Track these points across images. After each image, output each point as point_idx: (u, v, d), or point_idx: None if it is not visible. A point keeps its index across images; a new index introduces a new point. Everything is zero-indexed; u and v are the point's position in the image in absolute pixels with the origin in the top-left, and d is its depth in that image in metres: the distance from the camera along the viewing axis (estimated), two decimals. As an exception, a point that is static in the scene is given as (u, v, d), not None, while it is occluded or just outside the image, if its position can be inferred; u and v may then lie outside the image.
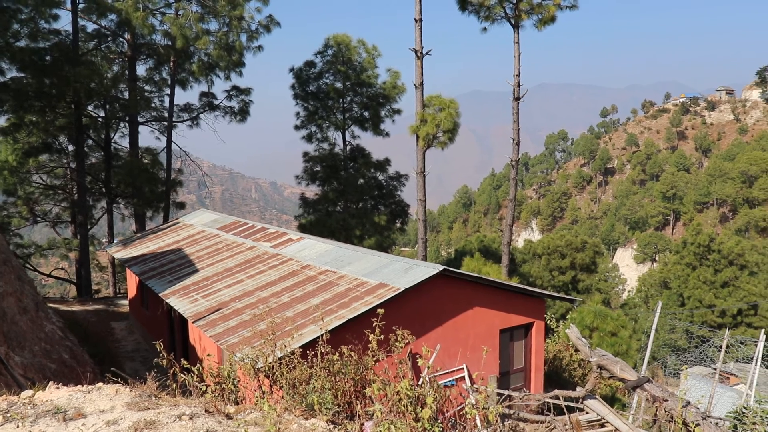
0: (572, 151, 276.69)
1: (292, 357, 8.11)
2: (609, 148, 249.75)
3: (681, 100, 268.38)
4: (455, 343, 15.17)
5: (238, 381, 7.80)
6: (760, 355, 18.75)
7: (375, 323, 8.25)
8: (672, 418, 7.93)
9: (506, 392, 10.49)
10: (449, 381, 14.90)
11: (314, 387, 7.27)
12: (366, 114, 38.93)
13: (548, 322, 29.19)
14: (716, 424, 8.39)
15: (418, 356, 8.78)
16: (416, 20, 29.85)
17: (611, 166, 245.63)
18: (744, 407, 16.26)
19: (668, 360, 40.32)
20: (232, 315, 15.01)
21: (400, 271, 15.18)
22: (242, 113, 40.96)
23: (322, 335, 8.70)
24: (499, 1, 31.55)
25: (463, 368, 15.31)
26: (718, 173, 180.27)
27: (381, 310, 8.99)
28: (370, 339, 7.97)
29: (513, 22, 31.75)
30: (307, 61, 38.53)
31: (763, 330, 19.49)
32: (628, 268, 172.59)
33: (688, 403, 8.08)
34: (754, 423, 15.11)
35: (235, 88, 40.81)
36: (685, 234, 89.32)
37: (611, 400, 24.20)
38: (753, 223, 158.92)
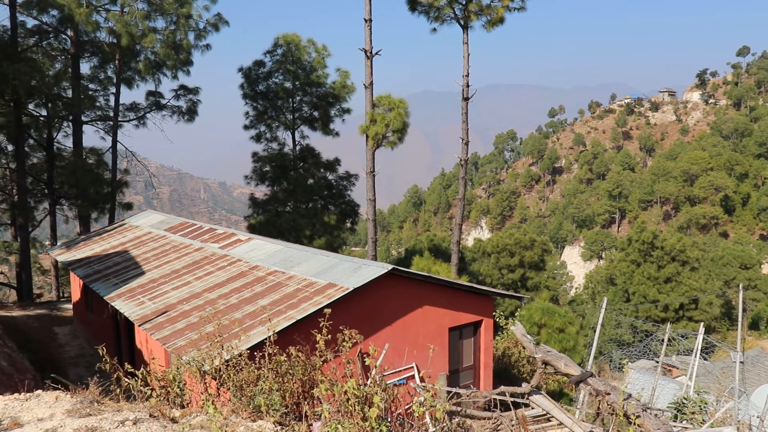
0: (521, 151, 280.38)
1: (239, 359, 8.04)
2: (557, 148, 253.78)
3: (626, 101, 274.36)
4: (405, 342, 15.23)
5: (184, 384, 7.70)
6: (700, 348, 19.29)
7: (322, 323, 8.23)
8: (614, 410, 8.15)
9: (454, 390, 10.58)
10: (399, 380, 14.95)
11: (262, 388, 7.22)
12: (316, 114, 38.82)
13: (497, 319, 29.50)
14: (655, 415, 8.61)
15: (367, 356, 8.80)
16: (366, 20, 29.86)
17: (559, 165, 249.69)
18: (684, 398, 16.71)
19: (614, 354, 41.21)
20: (180, 317, 14.81)
21: (349, 271, 15.18)
22: (190, 113, 40.39)
23: (270, 336, 8.64)
24: (449, 1, 31.74)
25: (412, 367, 15.38)
26: (661, 172, 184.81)
27: (328, 310, 8.97)
28: (318, 339, 7.96)
29: (462, 22, 31.98)
30: (257, 61, 38.22)
31: (702, 323, 20.07)
32: (576, 265, 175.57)
33: (629, 395, 8.29)
34: (693, 413, 15.56)
35: (182, 87, 40.22)
36: (630, 231, 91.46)
37: (559, 395, 24.62)
38: (694, 221, 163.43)
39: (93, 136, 39.42)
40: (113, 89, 38.77)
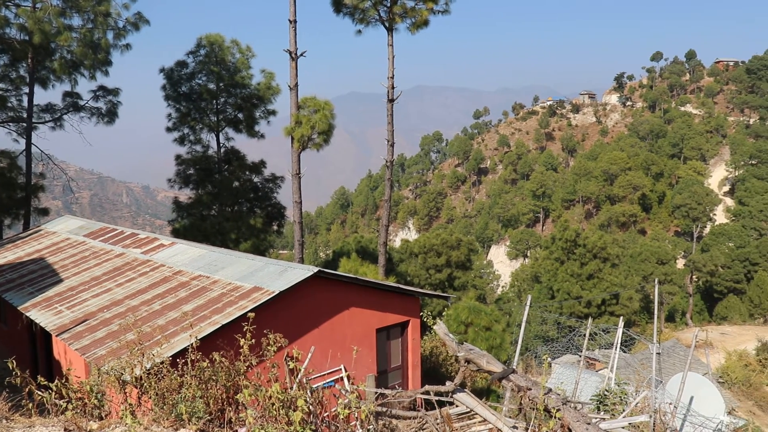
0: (447, 152, 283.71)
1: (161, 366, 7.85)
2: (482, 149, 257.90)
3: (548, 103, 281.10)
4: (333, 344, 15.18)
5: (102, 395, 7.46)
6: (620, 341, 19.91)
7: (246, 327, 8.12)
8: (535, 405, 8.36)
9: (379, 390, 10.61)
10: (327, 382, 14.90)
11: (185, 396, 7.07)
12: (240, 115, 38.33)
13: (425, 319, 29.77)
14: (575, 407, 8.86)
15: (292, 359, 8.72)
16: (291, 21, 29.66)
17: (484, 166, 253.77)
18: (606, 390, 17.21)
19: (540, 350, 42.13)
20: (100, 326, 14.37)
21: (275, 274, 15.05)
22: (110, 115, 39.16)
23: (193, 343, 8.47)
24: (374, 4, 31.80)
25: (341, 369, 15.35)
26: (582, 172, 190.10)
27: (251, 314, 8.86)
28: (241, 344, 7.85)
29: (387, 25, 32.11)
30: (179, 61, 37.43)
31: (622, 317, 20.70)
32: (502, 264, 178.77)
33: (550, 390, 8.51)
34: (614, 404, 16.06)
35: (102, 88, 38.93)
36: (553, 230, 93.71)
37: (487, 392, 25.00)
38: (614, 219, 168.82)
39: (5, 139, 37.69)
40: (26, 89, 37.18)
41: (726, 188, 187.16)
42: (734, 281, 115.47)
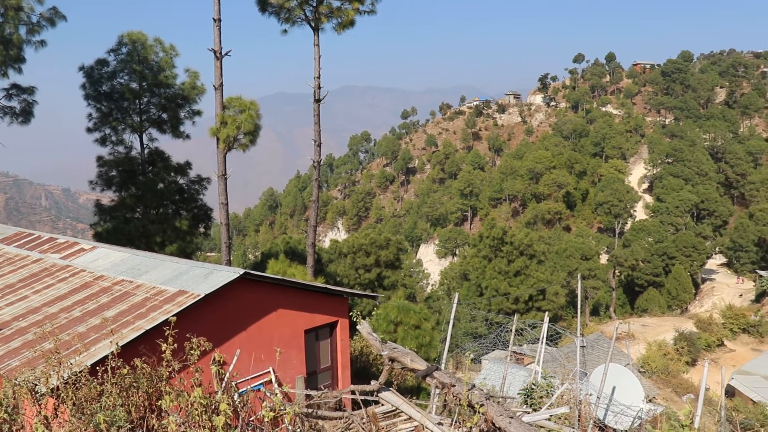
0: (375, 152, 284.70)
1: (79, 375, 7.58)
2: (410, 149, 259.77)
3: (475, 103, 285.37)
4: (261, 347, 15.00)
5: (13, 409, 7.15)
6: (545, 336, 20.35)
7: (167, 332, 7.93)
8: (459, 401, 8.47)
9: (305, 392, 10.56)
10: (256, 385, 14.71)
11: (104, 405, 6.85)
12: (164, 116, 37.45)
13: (354, 319, 29.79)
14: (498, 402, 9.02)
15: (218, 363, 8.58)
16: (215, 20, 29.21)
17: (412, 165, 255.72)
18: (533, 384, 17.58)
19: (467, 347, 42.70)
20: (15, 335, 13.80)
21: (200, 277, 14.77)
22: (25, 114, 37.61)
23: (114, 349, 8.22)
24: (299, 3, 31.59)
25: (269, 371, 15.19)
26: (509, 171, 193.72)
27: (173, 319, 8.67)
28: (164, 349, 7.66)
29: (313, 24, 31.95)
30: (99, 60, 36.28)
31: (547, 313, 21.18)
32: (431, 262, 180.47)
33: (473, 386, 8.63)
34: (541, 397, 16.42)
35: (15, 86, 37.30)
36: (481, 228, 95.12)
37: (418, 390, 25.17)
38: (540, 216, 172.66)
39: None
40: (-69, 87, 35.42)
41: (645, 185, 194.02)
42: (654, 275, 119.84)
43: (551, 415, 10.82)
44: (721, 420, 15.16)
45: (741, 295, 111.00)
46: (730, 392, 58.95)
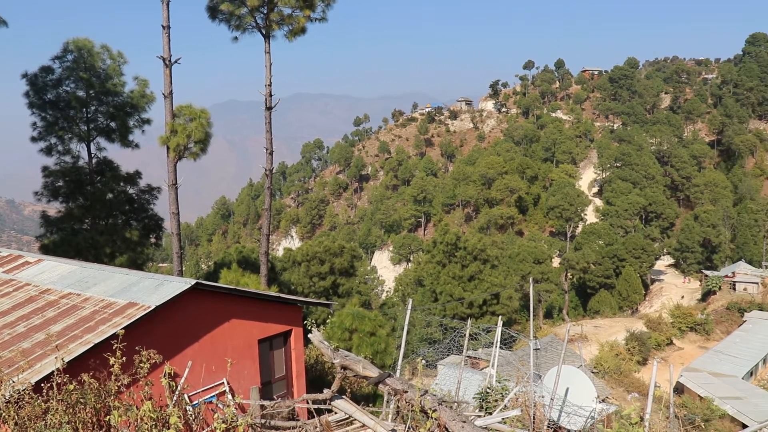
0: (328, 159, 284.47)
1: (23, 393, 7.36)
2: (363, 156, 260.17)
3: (427, 109, 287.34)
4: (214, 358, 14.81)
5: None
6: (499, 339, 20.53)
7: (116, 345, 7.77)
8: (412, 407, 8.51)
9: (257, 402, 10.47)
10: (210, 397, 14.52)
11: (50, 423, 6.67)
12: (113, 124, 36.71)
13: (309, 327, 29.64)
14: (451, 407, 9.08)
15: (169, 376, 8.44)
16: (164, 27, 28.80)
17: (365, 172, 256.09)
18: (488, 387, 17.71)
19: (421, 353, 42.83)
20: (-44, 352, 13.36)
21: (151, 288, 14.52)
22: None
23: (60, 365, 8.01)
24: (250, 10, 31.34)
25: (223, 383, 15.00)
26: (461, 177, 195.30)
27: (121, 332, 8.50)
28: (112, 363, 7.50)
29: (264, 32, 31.74)
30: (44, 67, 35.36)
31: (501, 317, 21.37)
32: (386, 269, 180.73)
33: (426, 391, 8.68)
34: (496, 400, 16.55)
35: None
36: (435, 234, 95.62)
37: (374, 397, 25.15)
38: (493, 221, 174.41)
39: None
40: None
41: (595, 189, 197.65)
42: (605, 277, 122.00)
43: (504, 418, 10.92)
44: (670, 417, 15.50)
45: (682, 297, 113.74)
46: (680, 389, 60.32)
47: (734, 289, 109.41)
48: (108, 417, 6.47)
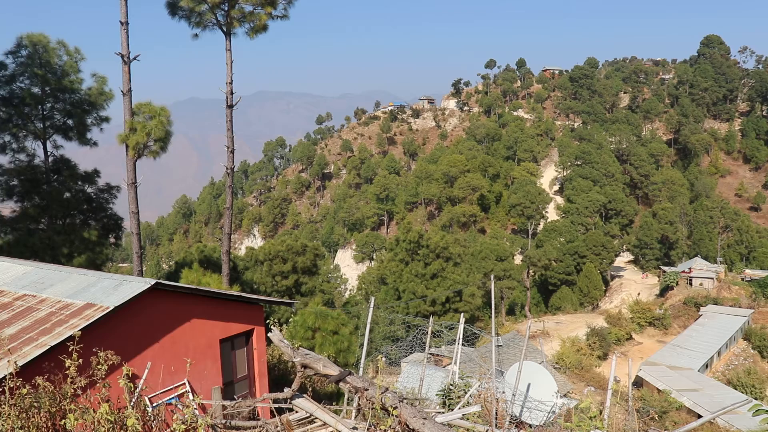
0: (291, 158, 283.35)
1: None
2: (325, 154, 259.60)
3: (389, 108, 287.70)
4: (175, 359, 14.62)
5: None
6: (461, 336, 20.64)
7: (72, 348, 7.62)
8: (373, 404, 8.52)
9: (218, 402, 10.37)
10: (171, 398, 14.35)
11: (2, 429, 6.51)
12: (70, 122, 36.04)
13: (272, 327, 29.47)
14: (412, 404, 9.11)
15: (127, 378, 8.29)
16: (122, 23, 28.31)
17: (328, 171, 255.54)
18: (451, 384, 17.80)
19: (383, 350, 42.90)
20: None
21: (110, 289, 14.27)
22: None
23: (12, 370, 7.82)
24: (211, 7, 30.97)
25: (185, 383, 14.83)
26: (424, 175, 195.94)
27: (78, 333, 8.34)
28: (68, 365, 7.35)
29: (225, 29, 31.40)
30: (-5, 62, 34.64)
31: (463, 314, 21.49)
32: (349, 267, 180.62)
33: (386, 389, 8.69)
34: (458, 397, 16.64)
35: None
36: (397, 232, 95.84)
37: (338, 396, 25.10)
38: (455, 219, 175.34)
39: None
40: None
41: (556, 187, 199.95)
42: (566, 273, 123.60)
43: (465, 414, 10.98)
44: (629, 410, 15.76)
45: (639, 294, 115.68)
46: (639, 383, 61.45)
47: (691, 284, 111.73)
48: (63, 421, 6.32)
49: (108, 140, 37.58)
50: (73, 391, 7.22)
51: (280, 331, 27.84)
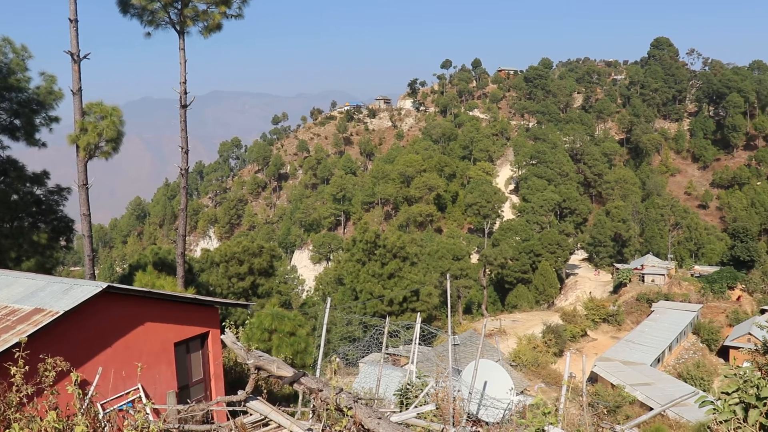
0: (246, 158, 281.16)
1: None
2: (282, 155, 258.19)
3: (346, 108, 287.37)
4: (128, 364, 14.34)
5: None
6: (418, 336, 20.70)
7: (18, 354, 7.41)
8: (327, 405, 8.51)
9: (171, 407, 10.22)
10: (125, 403, 14.08)
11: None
12: (17, 122, 35.13)
13: (229, 329, 29.17)
14: (367, 404, 9.10)
15: (76, 384, 8.11)
16: (71, 20, 27.68)
17: (284, 171, 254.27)
18: (408, 384, 17.84)
19: (348, 351, 42.83)
20: None
21: (59, 293, 13.94)
22: None
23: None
24: (163, 6, 30.49)
25: (138, 388, 14.57)
26: (380, 175, 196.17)
27: (25, 339, 8.12)
28: (13, 373, 7.13)
29: (178, 28, 30.95)
30: (-64, 60, 33.59)
31: (420, 313, 21.57)
32: (306, 268, 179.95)
33: (341, 390, 8.69)
34: (416, 396, 16.68)
35: None
36: (354, 232, 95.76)
37: (296, 397, 24.93)
38: (412, 219, 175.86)
39: None
40: None
41: (511, 186, 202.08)
42: (522, 272, 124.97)
43: (420, 413, 11.00)
44: (584, 405, 15.99)
45: (590, 293, 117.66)
46: (594, 378, 62.48)
47: (643, 280, 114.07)
48: (8, 430, 6.14)
49: (58, 141, 36.72)
50: (18, 399, 7.01)
51: (236, 333, 27.60)
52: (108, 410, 10.39)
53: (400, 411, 12.54)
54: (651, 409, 47.78)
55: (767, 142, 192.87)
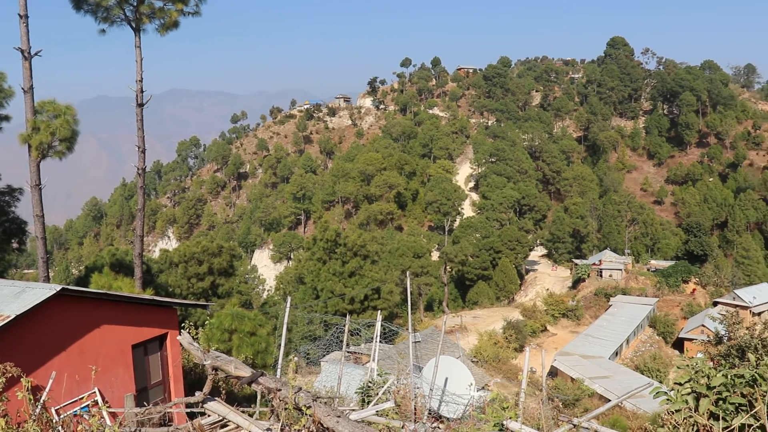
0: (205, 158, 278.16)
1: None
2: (241, 153, 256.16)
3: (305, 106, 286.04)
4: (84, 367, 14.06)
5: None
6: (379, 334, 20.72)
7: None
8: (286, 405, 8.49)
9: (127, 409, 10.06)
10: (81, 408, 13.80)
11: None
12: (-35, 121, 34.27)
13: (188, 330, 28.82)
14: (326, 402, 9.09)
15: (28, 389, 7.92)
16: (21, 16, 27.05)
17: (244, 170, 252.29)
18: (369, 382, 17.84)
19: (309, 350, 42.69)
20: None
21: (11, 297, 13.60)
22: None
23: None
24: (118, 2, 29.96)
25: (95, 392, 14.30)
26: (341, 173, 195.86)
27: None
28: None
29: (134, 25, 30.45)
30: None
31: (380, 311, 21.60)
32: (267, 268, 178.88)
33: (300, 389, 8.67)
34: (377, 394, 16.69)
35: None
36: (315, 231, 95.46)
37: (255, 398, 24.73)
38: (372, 217, 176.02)
39: None
40: None
41: (471, 184, 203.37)
42: (482, 268, 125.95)
43: (379, 410, 11.01)
44: (543, 399, 16.19)
45: (547, 289, 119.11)
46: (554, 372, 63.29)
47: (601, 275, 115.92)
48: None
49: (8, 140, 35.91)
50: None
51: (196, 334, 27.27)
52: (63, 415, 10.16)
53: (362, 409, 12.53)
54: (609, 401, 48.59)
55: (718, 139, 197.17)
